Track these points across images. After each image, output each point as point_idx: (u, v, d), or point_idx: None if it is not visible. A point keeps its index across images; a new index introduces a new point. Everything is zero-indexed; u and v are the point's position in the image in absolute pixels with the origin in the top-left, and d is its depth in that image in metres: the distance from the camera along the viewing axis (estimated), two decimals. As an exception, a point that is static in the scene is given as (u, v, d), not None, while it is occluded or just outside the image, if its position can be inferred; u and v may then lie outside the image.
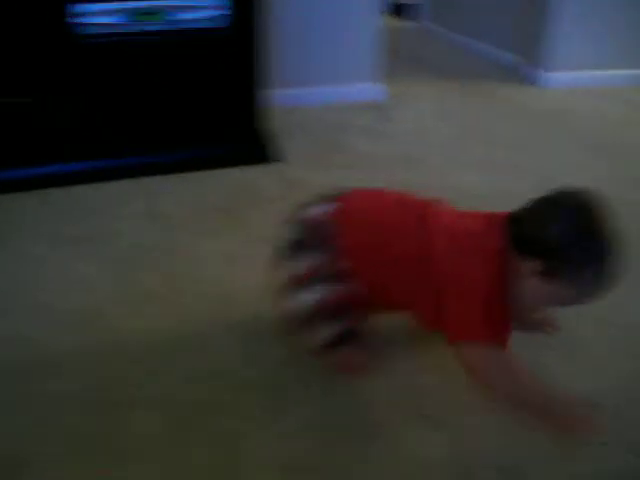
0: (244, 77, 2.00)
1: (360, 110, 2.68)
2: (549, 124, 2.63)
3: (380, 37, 2.79)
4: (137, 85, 1.90)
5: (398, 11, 5.24)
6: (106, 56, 1.83)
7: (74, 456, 0.99)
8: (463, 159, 2.20)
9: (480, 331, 1.00)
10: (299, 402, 1.10)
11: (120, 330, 1.29)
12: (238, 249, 1.58)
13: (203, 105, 2.00)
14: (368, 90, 2.82)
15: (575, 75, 3.14)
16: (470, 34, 3.99)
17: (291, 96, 2.64)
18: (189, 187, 1.92)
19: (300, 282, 1.07)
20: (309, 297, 1.06)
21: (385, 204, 1.13)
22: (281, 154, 2.14)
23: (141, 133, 1.98)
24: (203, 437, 1.03)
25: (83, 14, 1.75)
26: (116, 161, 1.97)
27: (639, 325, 1.34)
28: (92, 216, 1.74)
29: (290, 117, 2.53)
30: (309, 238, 1.10)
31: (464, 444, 1.03)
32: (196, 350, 1.23)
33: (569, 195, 1.00)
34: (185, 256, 1.55)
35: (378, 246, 1.06)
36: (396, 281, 1.06)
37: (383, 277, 1.06)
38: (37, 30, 1.74)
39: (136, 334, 1.27)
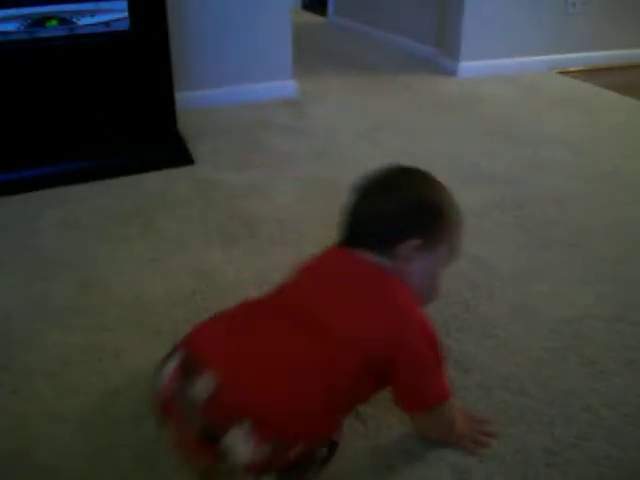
0: (154, 80, 1.99)
1: (276, 108, 2.70)
2: (463, 112, 2.71)
3: (292, 34, 2.81)
4: (46, 93, 1.86)
5: (311, 5, 5.27)
6: (6, 64, 1.78)
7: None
8: (380, 151, 2.24)
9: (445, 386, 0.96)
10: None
11: (36, 345, 1.27)
12: (152, 255, 1.58)
13: (116, 110, 1.98)
14: (283, 87, 2.83)
15: (487, 63, 3.25)
16: (385, 27, 4.06)
17: (206, 97, 2.64)
18: (105, 194, 1.89)
19: None
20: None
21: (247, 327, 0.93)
22: (198, 156, 2.13)
23: (56, 141, 1.94)
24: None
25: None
26: (31, 171, 1.93)
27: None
28: (3, 232, 1.69)
29: (206, 118, 2.52)
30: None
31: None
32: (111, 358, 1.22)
33: (385, 173, 1.03)
34: (101, 264, 1.53)
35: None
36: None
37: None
38: None
39: (50, 347, 1.26)
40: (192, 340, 0.92)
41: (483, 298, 1.42)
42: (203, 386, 0.82)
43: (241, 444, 0.79)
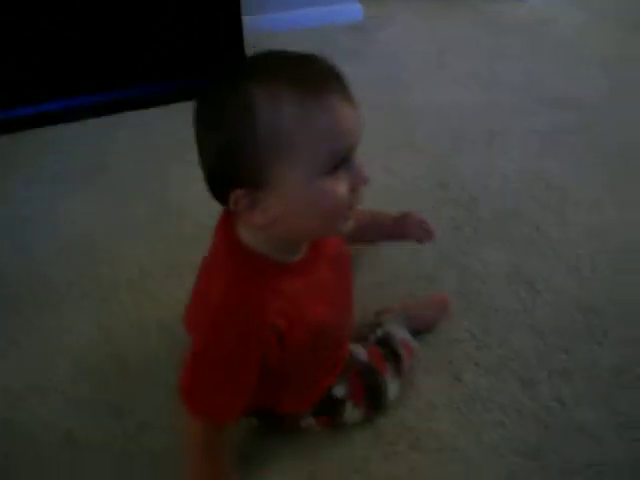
0: (222, 3, 1.97)
1: (341, 32, 2.65)
2: (532, 35, 2.60)
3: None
4: (115, 16, 1.87)
5: None
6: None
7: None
8: (446, 75, 2.20)
9: None
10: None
11: (115, 260, 1.34)
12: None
13: (184, 35, 1.98)
14: (348, 11, 2.77)
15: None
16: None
17: (270, 21, 2.60)
18: (175, 118, 1.92)
19: None
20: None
21: None
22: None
23: (125, 66, 1.96)
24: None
25: None
26: (102, 96, 1.96)
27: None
28: (73, 154, 1.76)
29: (271, 42, 2.50)
30: None
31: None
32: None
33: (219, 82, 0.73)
34: (174, 185, 1.57)
35: None
36: None
37: None
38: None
39: (132, 262, 1.32)
40: None
41: (554, 220, 1.41)
42: None
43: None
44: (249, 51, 2.17)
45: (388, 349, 1.01)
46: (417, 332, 1.10)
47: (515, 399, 1.03)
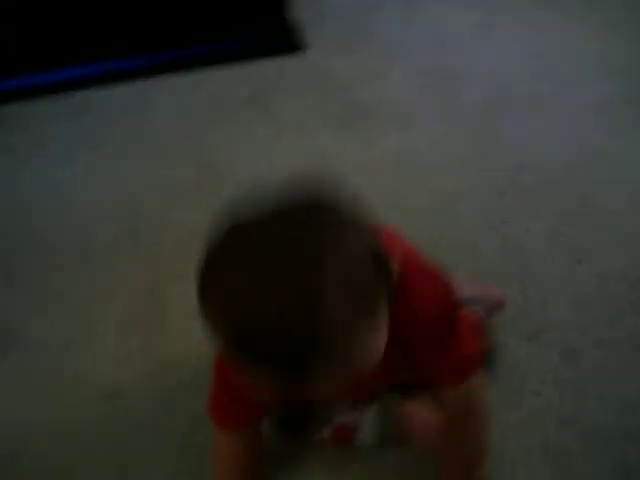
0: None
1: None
2: (585, 2, 2.53)
3: None
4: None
5: None
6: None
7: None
8: (495, 40, 2.15)
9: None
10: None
11: (161, 220, 1.37)
12: (272, 136, 1.61)
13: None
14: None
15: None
16: None
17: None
18: (217, 81, 1.93)
19: None
20: None
21: None
22: (309, 42, 2.11)
23: (164, 29, 1.96)
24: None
25: None
26: (136, 60, 1.97)
27: None
28: (118, 117, 1.77)
29: (313, 1, 2.47)
30: None
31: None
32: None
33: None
34: (217, 148, 1.59)
35: None
36: None
37: None
38: None
39: (176, 223, 1.35)
40: None
41: (600, 191, 1.38)
42: None
43: None
44: (296, 10, 2.15)
45: None
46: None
47: (554, 368, 1.02)
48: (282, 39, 2.08)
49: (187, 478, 0.92)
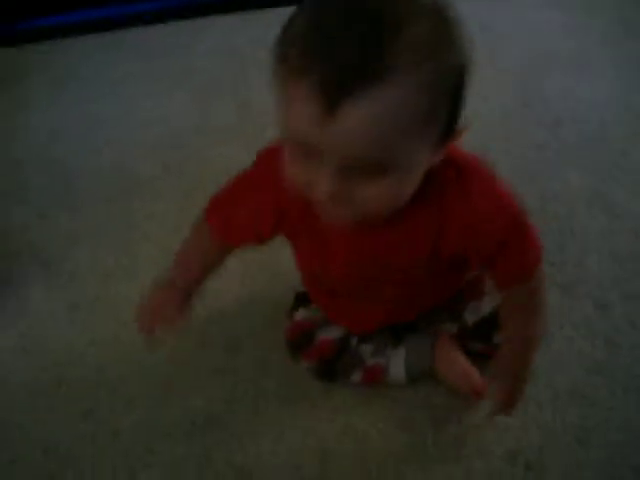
0: None
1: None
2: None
3: None
4: None
5: None
6: None
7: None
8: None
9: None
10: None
11: (201, 158, 1.39)
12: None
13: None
14: None
15: None
16: None
17: None
18: (256, 24, 1.92)
19: None
20: None
21: None
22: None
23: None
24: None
25: None
26: (181, 0, 1.96)
27: None
28: (160, 55, 1.78)
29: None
30: None
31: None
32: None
33: None
34: (258, 89, 1.59)
35: None
36: None
37: None
38: None
39: (216, 160, 1.37)
40: None
41: (640, 148, 1.38)
42: None
43: None
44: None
45: None
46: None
47: (587, 317, 1.04)
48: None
49: (225, 402, 0.95)
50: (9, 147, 1.50)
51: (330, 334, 0.94)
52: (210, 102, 1.57)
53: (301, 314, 0.97)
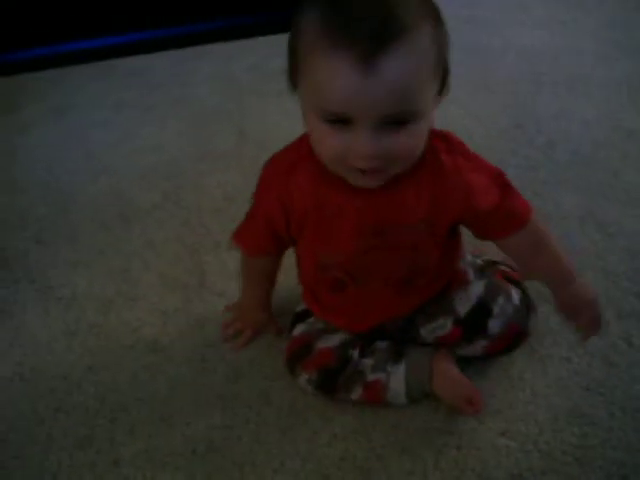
0: None
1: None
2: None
3: None
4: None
5: None
6: None
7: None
8: (530, 18, 2.14)
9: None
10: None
11: (198, 186, 1.40)
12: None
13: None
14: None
15: None
16: None
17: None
18: (255, 52, 1.95)
19: None
20: None
21: None
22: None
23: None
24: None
25: None
26: (179, 29, 1.99)
27: None
28: (157, 83, 1.80)
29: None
30: None
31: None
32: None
33: None
34: (255, 117, 1.61)
35: None
36: None
37: None
38: None
39: (214, 188, 1.38)
40: None
41: (632, 168, 1.39)
42: None
43: None
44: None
45: None
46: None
47: (584, 337, 1.05)
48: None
49: (226, 430, 0.96)
50: (7, 174, 1.51)
51: (328, 343, 0.96)
52: (207, 129, 1.59)
53: (299, 329, 1.00)
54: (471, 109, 1.58)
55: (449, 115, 1.53)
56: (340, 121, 0.66)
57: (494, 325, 0.94)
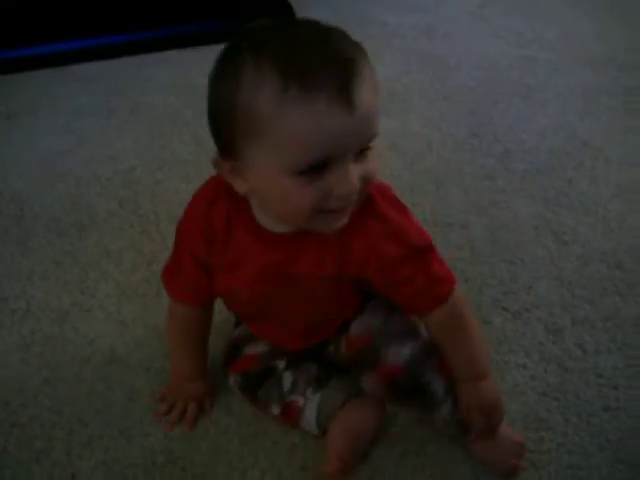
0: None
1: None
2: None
3: None
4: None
5: None
6: None
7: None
8: (487, 29, 2.17)
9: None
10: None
11: (155, 194, 1.39)
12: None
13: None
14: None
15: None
16: None
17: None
18: (213, 59, 1.93)
19: None
20: None
21: None
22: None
23: (163, 5, 1.97)
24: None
25: None
26: (139, 35, 1.98)
27: None
28: (117, 90, 1.78)
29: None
30: None
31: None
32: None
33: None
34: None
35: None
36: None
37: None
38: None
39: (172, 196, 1.37)
40: None
41: (586, 177, 1.42)
42: None
43: None
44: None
45: None
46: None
47: (539, 343, 1.07)
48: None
49: (186, 441, 0.95)
50: (-40, 181, 1.47)
51: (255, 350, 0.97)
52: (165, 137, 1.57)
53: (236, 332, 1.01)
54: (429, 118, 1.60)
55: (407, 124, 1.57)
56: (313, 169, 0.64)
57: (385, 355, 0.85)
